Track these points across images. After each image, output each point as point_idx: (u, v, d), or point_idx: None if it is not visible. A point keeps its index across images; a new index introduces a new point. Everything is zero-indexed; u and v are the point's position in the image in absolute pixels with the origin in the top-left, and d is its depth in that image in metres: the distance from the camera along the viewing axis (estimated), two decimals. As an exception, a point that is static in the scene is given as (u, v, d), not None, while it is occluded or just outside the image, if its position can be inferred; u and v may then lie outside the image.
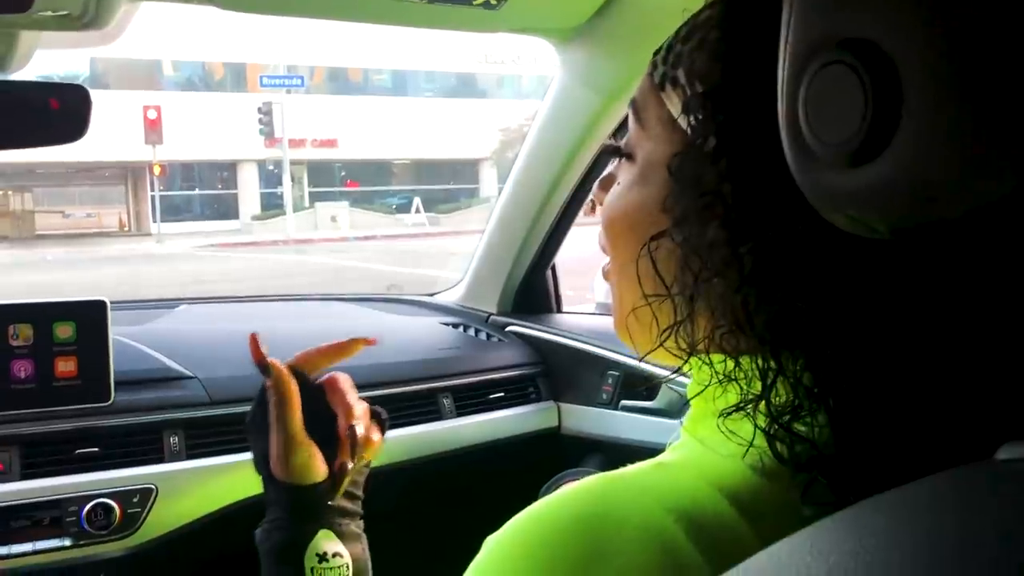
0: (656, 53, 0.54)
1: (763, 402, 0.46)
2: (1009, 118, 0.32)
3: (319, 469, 0.76)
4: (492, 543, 0.45)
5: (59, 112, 1.07)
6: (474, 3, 1.11)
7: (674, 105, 0.51)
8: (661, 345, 0.51)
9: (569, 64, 1.42)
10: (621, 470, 0.46)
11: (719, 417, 0.47)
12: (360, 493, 0.81)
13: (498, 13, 1.15)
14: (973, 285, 0.42)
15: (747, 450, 0.46)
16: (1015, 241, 0.42)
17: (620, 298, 0.57)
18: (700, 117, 0.48)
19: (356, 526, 0.79)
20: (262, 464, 0.78)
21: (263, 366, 0.78)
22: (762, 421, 0.46)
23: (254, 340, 0.78)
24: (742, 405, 0.46)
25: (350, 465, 0.77)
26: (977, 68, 0.32)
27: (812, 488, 0.44)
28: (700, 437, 0.50)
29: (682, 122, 0.50)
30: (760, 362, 0.46)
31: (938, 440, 0.42)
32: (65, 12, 0.93)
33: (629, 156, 0.55)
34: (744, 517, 0.42)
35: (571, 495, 0.45)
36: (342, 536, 0.76)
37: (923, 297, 0.43)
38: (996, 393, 0.42)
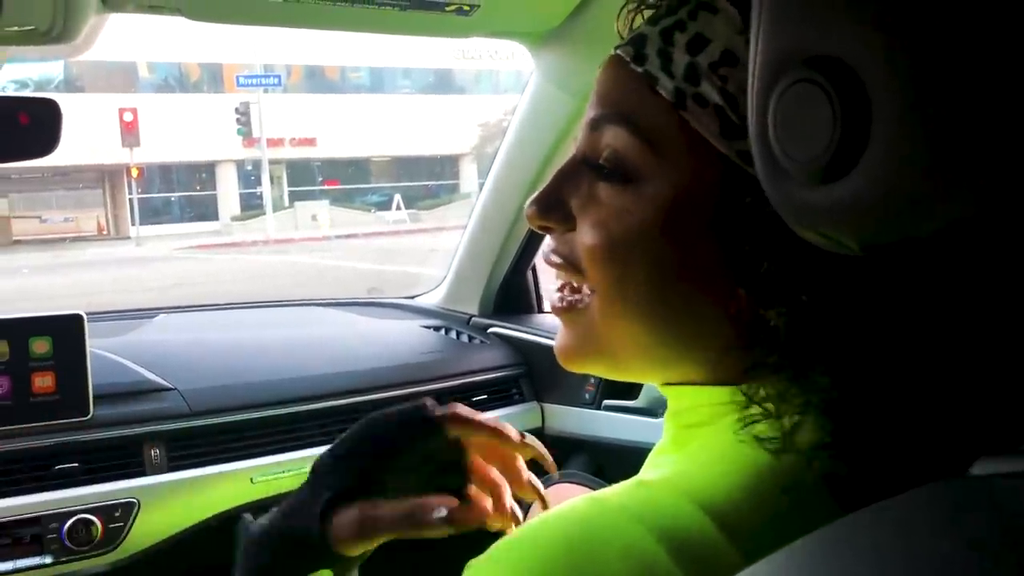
0: (639, 61, 0.50)
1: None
2: (977, 136, 0.32)
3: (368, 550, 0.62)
4: (474, 568, 0.45)
5: (29, 126, 1.06)
6: (447, 9, 1.11)
7: (706, 128, 0.48)
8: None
9: (544, 66, 1.42)
10: (607, 492, 0.46)
11: (741, 429, 0.47)
12: None
13: (471, 19, 1.14)
14: (946, 300, 0.42)
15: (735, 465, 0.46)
16: (989, 256, 0.42)
17: (626, 334, 0.53)
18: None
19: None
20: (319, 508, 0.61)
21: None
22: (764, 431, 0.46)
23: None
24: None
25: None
26: (944, 86, 0.32)
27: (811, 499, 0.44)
28: (682, 456, 0.50)
29: (722, 147, 0.47)
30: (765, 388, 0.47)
31: (919, 452, 0.43)
32: (32, 27, 0.92)
33: (627, 179, 0.51)
34: (727, 535, 0.42)
35: (553, 519, 0.44)
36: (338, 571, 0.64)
37: (900, 311, 0.43)
38: (973, 407, 0.43)
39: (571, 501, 0.46)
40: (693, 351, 0.52)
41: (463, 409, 0.64)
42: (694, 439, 0.52)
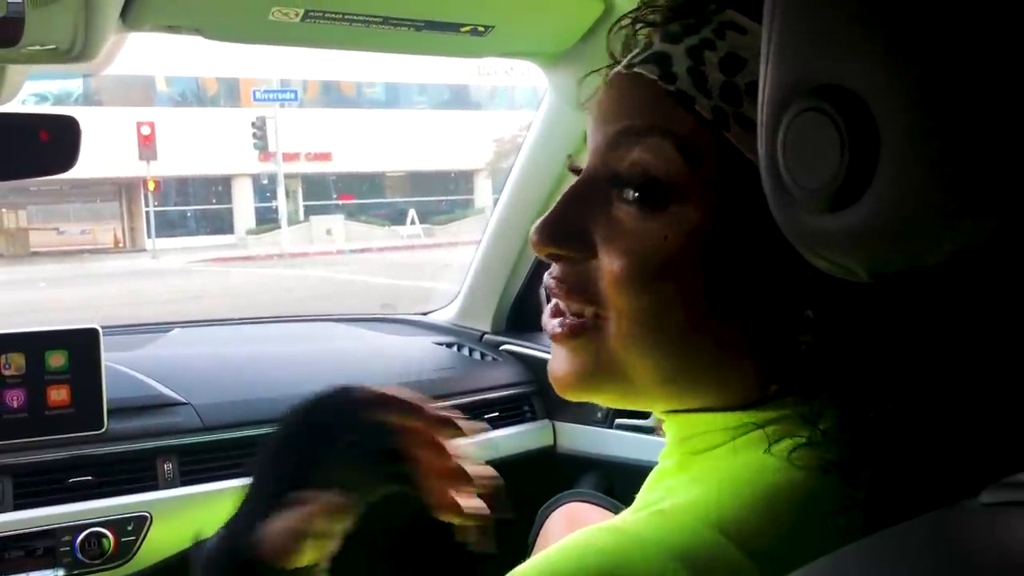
0: (669, 80, 0.48)
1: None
2: (985, 163, 0.32)
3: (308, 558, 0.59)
4: None
5: (49, 143, 1.07)
6: (462, 30, 1.12)
7: (748, 147, 0.46)
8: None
9: (557, 86, 1.43)
10: (619, 521, 0.46)
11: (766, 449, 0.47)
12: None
13: (486, 39, 1.15)
14: (957, 326, 0.43)
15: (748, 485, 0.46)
16: (999, 285, 0.42)
17: (645, 364, 0.50)
18: None
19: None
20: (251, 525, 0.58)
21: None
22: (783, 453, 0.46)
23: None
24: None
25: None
26: (952, 113, 0.32)
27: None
28: (692, 477, 0.50)
29: None
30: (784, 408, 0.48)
31: (930, 475, 0.43)
32: (53, 46, 0.93)
33: (663, 199, 0.48)
34: (750, 559, 0.42)
35: (575, 552, 0.44)
36: None
37: (912, 337, 0.43)
38: (982, 433, 0.43)
39: (587, 531, 0.45)
40: (714, 378, 0.50)
41: (397, 391, 0.62)
42: (704, 460, 0.51)
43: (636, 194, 0.49)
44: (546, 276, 0.55)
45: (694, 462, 0.52)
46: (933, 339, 0.43)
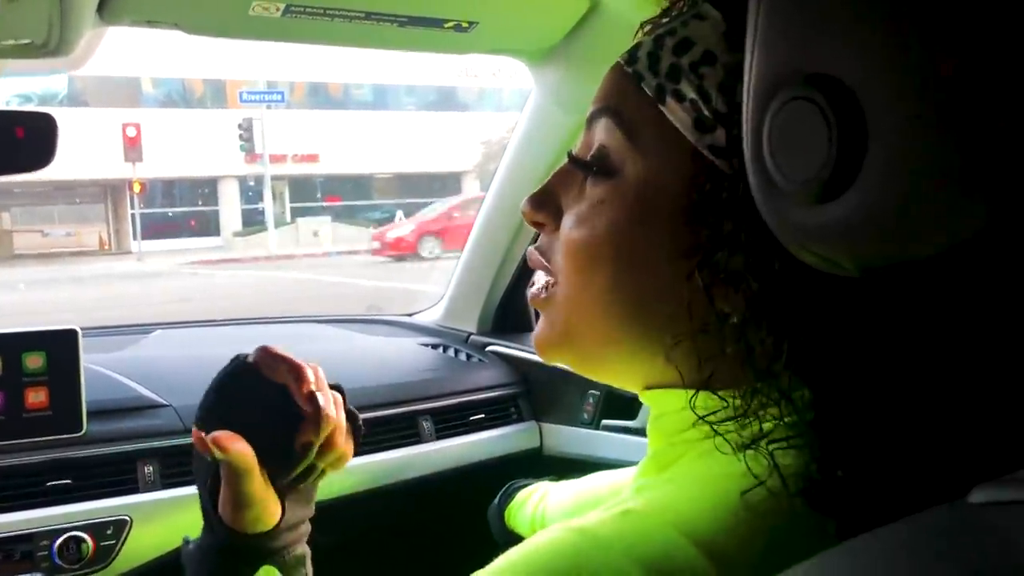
0: (631, 63, 0.52)
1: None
2: (974, 156, 0.31)
3: (271, 520, 0.71)
4: None
5: (25, 140, 1.05)
6: (446, 26, 1.11)
7: (680, 121, 0.49)
8: (704, 389, 0.49)
9: (543, 84, 1.42)
10: (588, 521, 0.45)
11: (743, 449, 0.46)
12: (310, 509, 0.76)
13: (470, 36, 1.15)
14: (948, 322, 0.42)
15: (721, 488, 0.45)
16: (989, 278, 0.41)
17: (591, 326, 0.55)
18: (721, 137, 0.47)
19: (301, 549, 0.74)
20: (203, 501, 0.73)
21: (212, 456, 0.69)
22: (756, 456, 0.45)
23: (198, 437, 0.69)
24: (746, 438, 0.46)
25: (315, 444, 0.70)
26: (941, 105, 0.32)
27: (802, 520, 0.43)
28: (667, 477, 0.49)
29: (693, 139, 0.49)
30: (751, 397, 0.47)
31: (908, 472, 0.42)
32: (27, 41, 0.92)
33: (608, 172, 0.53)
34: (714, 563, 0.41)
35: (539, 552, 0.44)
36: (284, 568, 0.72)
37: (902, 333, 0.42)
38: (968, 430, 0.42)
39: (552, 530, 0.45)
40: (656, 345, 0.52)
41: (271, 348, 0.72)
42: (677, 457, 0.51)
43: (591, 167, 0.54)
44: (529, 247, 0.61)
45: (669, 458, 0.52)
46: (917, 334, 0.42)
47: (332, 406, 0.71)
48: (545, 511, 0.96)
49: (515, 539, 1.02)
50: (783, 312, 0.44)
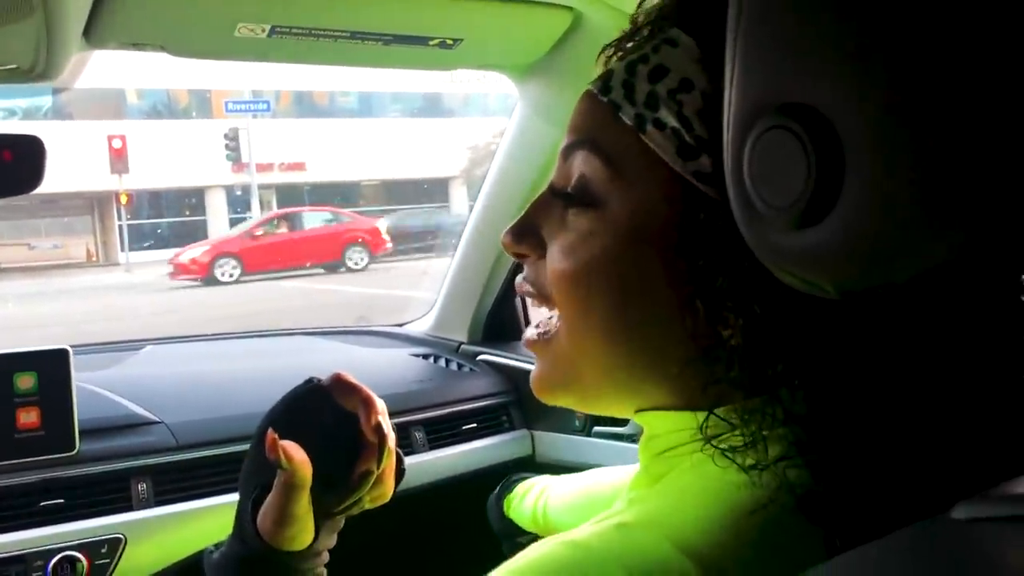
0: (605, 92, 0.52)
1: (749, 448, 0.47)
2: (952, 179, 0.32)
3: (306, 540, 0.72)
4: None
5: (12, 163, 1.05)
6: (431, 43, 1.12)
7: (663, 149, 0.49)
8: (713, 412, 0.49)
9: (528, 97, 1.43)
10: (581, 534, 0.46)
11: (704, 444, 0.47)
12: (334, 539, 0.77)
13: (455, 52, 1.15)
14: (927, 342, 0.43)
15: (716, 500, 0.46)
16: (967, 300, 0.42)
17: (592, 358, 0.54)
18: (706, 163, 0.48)
19: (321, 571, 0.76)
20: (244, 510, 0.73)
21: (279, 463, 0.69)
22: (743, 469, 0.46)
23: (272, 440, 0.68)
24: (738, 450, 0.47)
25: (374, 475, 0.71)
26: (916, 132, 0.32)
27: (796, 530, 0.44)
28: (659, 490, 0.50)
29: (677, 166, 0.49)
30: (759, 416, 0.47)
31: (894, 485, 0.43)
32: (14, 66, 0.92)
33: (591, 203, 0.53)
34: (707, 574, 0.42)
35: (535, 565, 0.44)
36: None
37: (883, 352, 0.43)
38: (949, 445, 0.43)
39: (546, 542, 0.46)
40: (657, 373, 0.52)
41: (346, 375, 0.74)
42: (669, 470, 0.52)
43: (574, 198, 0.54)
44: (518, 277, 0.61)
45: (660, 468, 0.53)
46: (897, 354, 0.43)
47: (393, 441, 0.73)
48: (547, 505, 0.97)
49: (513, 529, 1.03)
50: (782, 334, 0.45)
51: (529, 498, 1.01)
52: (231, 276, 14.84)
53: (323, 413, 0.73)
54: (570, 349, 0.55)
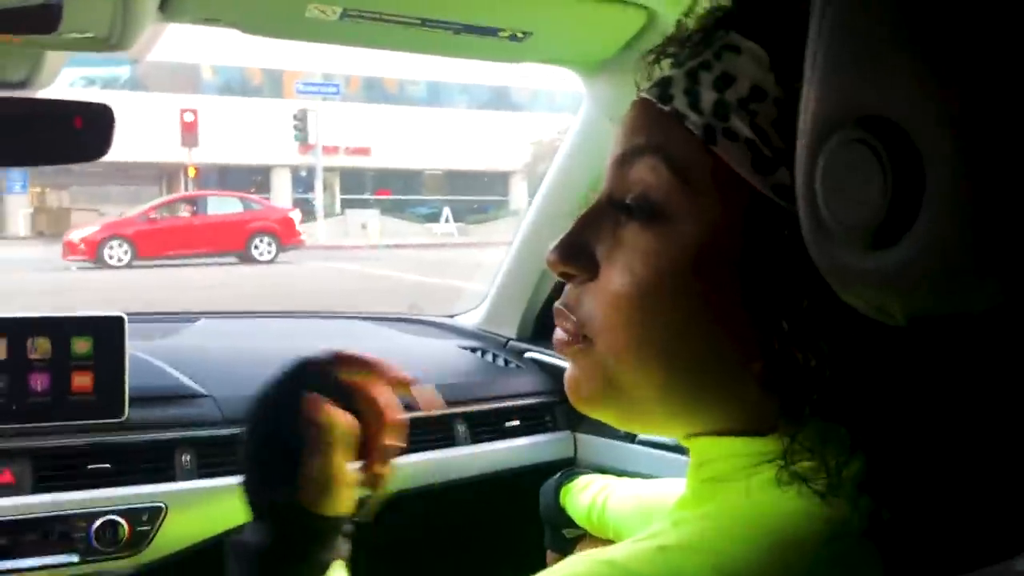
0: (665, 100, 0.50)
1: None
2: None
3: (352, 501, 0.69)
4: None
5: (83, 130, 1.07)
6: (500, 35, 1.11)
7: (737, 162, 0.47)
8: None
9: (595, 95, 1.41)
10: (619, 553, 0.44)
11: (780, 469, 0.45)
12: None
13: (524, 45, 1.14)
14: (1000, 379, 0.40)
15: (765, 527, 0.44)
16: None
17: (644, 383, 0.51)
18: (785, 176, 0.45)
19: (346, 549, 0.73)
20: (279, 489, 0.68)
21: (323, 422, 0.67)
22: (794, 494, 0.44)
23: (316, 400, 0.67)
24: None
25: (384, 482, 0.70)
26: (1004, 155, 0.30)
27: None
28: (705, 513, 0.48)
29: (754, 180, 0.46)
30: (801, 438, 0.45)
31: (968, 531, 0.41)
32: (91, 34, 0.93)
33: (655, 216, 0.49)
34: None
35: None
36: (345, 563, 0.73)
37: (942, 376, 0.41)
38: (1016, 488, 0.40)
39: (583, 560, 0.44)
40: (718, 397, 0.50)
41: (344, 351, 0.70)
42: (717, 494, 0.50)
43: (634, 212, 0.50)
44: (556, 303, 0.56)
45: (708, 492, 0.51)
46: (965, 387, 0.41)
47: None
48: (606, 504, 0.95)
49: (563, 519, 1.01)
50: (860, 359, 0.43)
51: (587, 493, 0.99)
52: (120, 260, 13.94)
53: (325, 389, 0.70)
54: (614, 364, 0.52)
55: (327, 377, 0.70)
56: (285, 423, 0.68)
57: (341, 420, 0.67)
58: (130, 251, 14.21)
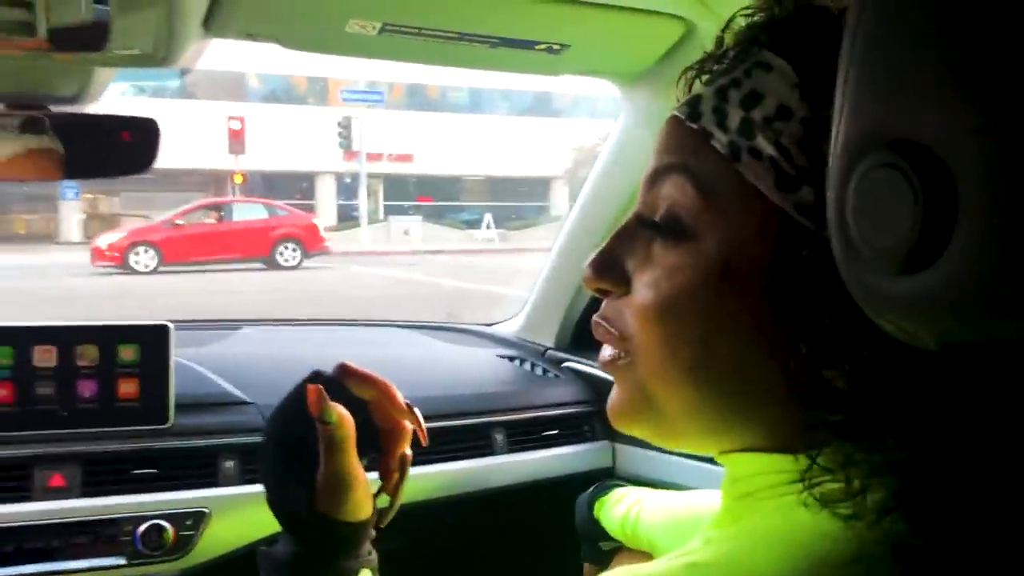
0: (695, 118, 0.50)
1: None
2: None
3: (371, 506, 0.74)
4: None
5: (130, 144, 1.10)
6: (537, 48, 1.11)
7: (760, 179, 0.47)
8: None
9: (633, 107, 1.41)
10: (649, 570, 0.44)
11: (803, 491, 0.45)
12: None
13: (561, 58, 1.15)
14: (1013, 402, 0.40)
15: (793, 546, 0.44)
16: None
17: (677, 397, 0.51)
18: (808, 195, 0.45)
19: (375, 558, 0.76)
20: (298, 498, 0.71)
21: (325, 415, 0.70)
22: (826, 516, 0.44)
23: (318, 392, 0.71)
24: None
25: (410, 456, 0.74)
26: None
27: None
28: (737, 531, 0.48)
29: (776, 198, 0.46)
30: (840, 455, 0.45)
31: (1003, 556, 0.40)
32: (137, 51, 0.96)
33: (682, 234, 0.50)
34: None
35: None
36: (373, 571, 0.74)
37: (983, 409, 0.41)
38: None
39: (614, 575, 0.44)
40: (747, 414, 0.50)
41: (352, 365, 0.76)
42: (750, 512, 0.50)
43: (662, 230, 0.51)
44: (595, 316, 0.57)
45: (741, 509, 0.51)
46: (1000, 411, 0.40)
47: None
48: (639, 516, 0.95)
49: (598, 532, 1.01)
50: (889, 380, 0.43)
51: (622, 505, 0.99)
52: (147, 266, 14.14)
53: (334, 398, 0.73)
54: (652, 384, 0.53)
55: (334, 386, 0.74)
56: (297, 433, 0.71)
57: (347, 417, 0.70)
58: (156, 257, 14.45)
